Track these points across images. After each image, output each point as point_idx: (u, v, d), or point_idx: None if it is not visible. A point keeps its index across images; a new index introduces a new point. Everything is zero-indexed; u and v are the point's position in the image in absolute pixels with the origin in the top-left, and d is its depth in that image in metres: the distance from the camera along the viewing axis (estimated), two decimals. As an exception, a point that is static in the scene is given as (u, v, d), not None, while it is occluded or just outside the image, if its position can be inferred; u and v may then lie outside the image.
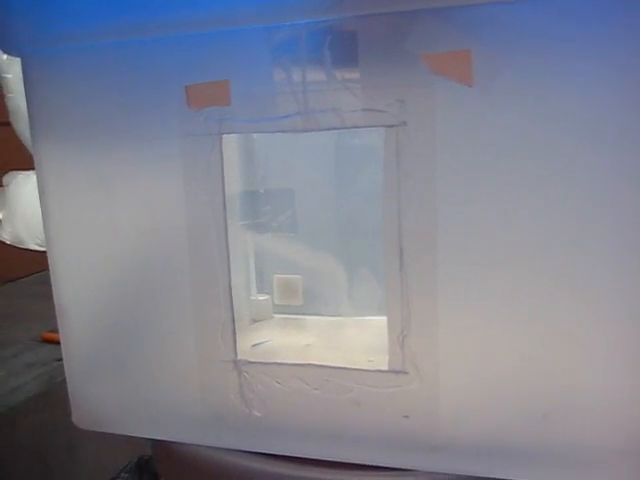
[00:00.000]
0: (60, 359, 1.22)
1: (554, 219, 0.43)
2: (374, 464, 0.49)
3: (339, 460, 0.50)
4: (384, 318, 0.64)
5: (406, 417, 0.48)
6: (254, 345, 0.59)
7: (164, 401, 0.54)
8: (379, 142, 0.60)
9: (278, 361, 0.51)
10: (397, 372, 0.48)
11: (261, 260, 0.71)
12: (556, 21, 0.41)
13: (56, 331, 1.34)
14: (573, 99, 0.41)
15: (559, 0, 0.41)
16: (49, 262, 0.55)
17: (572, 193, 0.42)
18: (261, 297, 0.71)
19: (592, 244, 0.42)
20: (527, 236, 0.43)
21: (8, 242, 0.71)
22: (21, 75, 0.57)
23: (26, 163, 0.71)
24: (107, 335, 0.55)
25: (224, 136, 0.48)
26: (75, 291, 0.55)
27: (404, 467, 0.48)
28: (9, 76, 0.66)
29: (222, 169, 0.49)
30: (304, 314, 0.71)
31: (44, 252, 0.76)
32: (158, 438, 0.55)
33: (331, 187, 0.69)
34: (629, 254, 0.42)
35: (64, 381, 1.17)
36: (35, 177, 0.71)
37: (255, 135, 0.64)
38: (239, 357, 0.51)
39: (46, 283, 1.70)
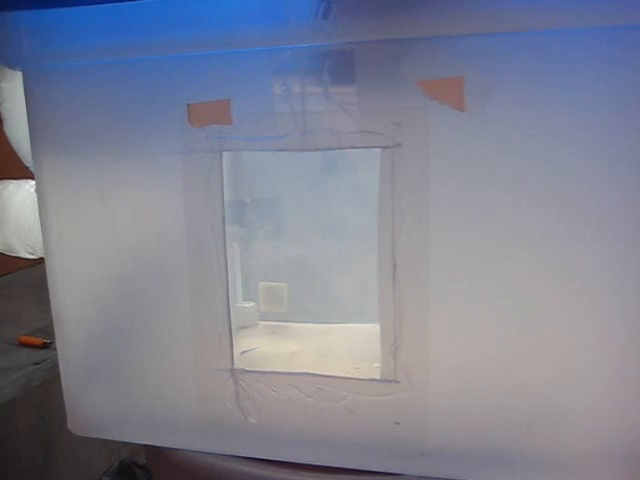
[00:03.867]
0: (37, 363, 1.23)
1: (544, 238, 0.45)
2: (366, 469, 0.51)
3: (332, 465, 0.52)
4: (368, 325, 0.66)
5: (397, 424, 0.50)
6: (242, 352, 0.60)
7: (160, 408, 0.56)
8: (363, 155, 0.63)
9: (274, 370, 0.53)
10: (389, 381, 0.50)
11: (246, 268, 0.73)
12: (545, 50, 0.43)
13: (33, 335, 1.33)
14: (563, 123, 0.44)
15: (547, 31, 0.43)
16: (47, 271, 0.56)
17: (562, 212, 0.45)
18: (247, 304, 0.73)
19: (584, 258, 0.45)
20: (516, 254, 0.46)
21: None
22: (15, 84, 0.58)
23: (16, 167, 0.72)
24: (104, 343, 0.56)
25: (224, 153, 0.50)
26: (73, 300, 0.56)
27: (395, 472, 0.51)
28: (3, 85, 0.67)
29: (222, 185, 0.51)
30: (289, 321, 0.73)
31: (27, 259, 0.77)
32: (154, 444, 0.56)
33: (317, 196, 0.71)
34: (619, 269, 0.45)
35: (41, 385, 1.18)
36: (26, 186, 0.72)
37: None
38: (236, 366, 0.53)
39: (17, 285, 1.68)
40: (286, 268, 0.74)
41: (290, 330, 0.72)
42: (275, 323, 0.74)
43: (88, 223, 0.54)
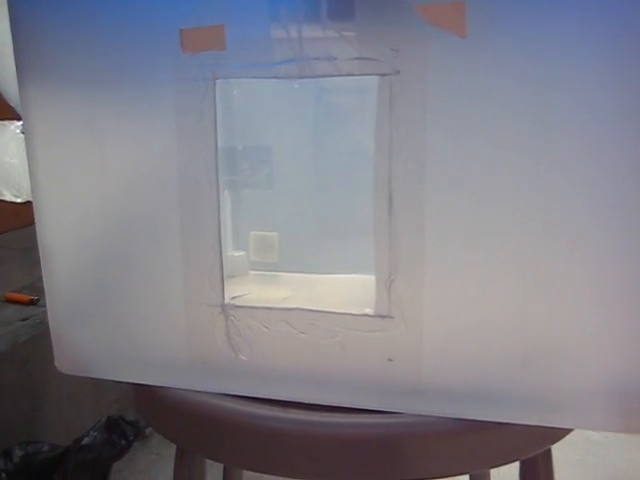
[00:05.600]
0: (24, 319, 1.22)
1: (539, 169, 0.44)
2: (358, 407, 0.50)
3: (324, 403, 0.51)
4: (360, 276, 0.65)
5: (390, 360, 0.50)
6: (232, 298, 0.59)
7: (149, 345, 0.55)
8: (358, 98, 0.61)
9: (266, 305, 0.52)
10: (383, 316, 0.49)
11: (237, 216, 0.72)
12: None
13: (19, 292, 1.32)
14: (566, 59, 0.43)
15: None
16: (34, 207, 0.55)
17: (559, 146, 0.44)
18: (237, 253, 0.72)
19: (575, 195, 0.44)
20: (513, 185, 0.45)
21: (-16, 193, 0.71)
22: (0, 17, 0.56)
23: (2, 109, 0.70)
24: (92, 279, 0.55)
25: (218, 81, 0.49)
26: (61, 236, 0.55)
27: (388, 409, 0.50)
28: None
29: (215, 114, 0.49)
30: (279, 271, 0.72)
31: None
32: (143, 383, 0.55)
33: (308, 144, 0.70)
34: (612, 208, 0.44)
35: (29, 341, 1.17)
36: (11, 127, 0.71)
37: (235, 91, 0.64)
38: (227, 301, 0.52)
39: (2, 247, 1.67)
40: (277, 217, 0.73)
41: (281, 279, 0.71)
42: (266, 272, 0.73)
43: (77, 156, 0.53)
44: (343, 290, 0.66)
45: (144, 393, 0.56)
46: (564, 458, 0.53)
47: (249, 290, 0.65)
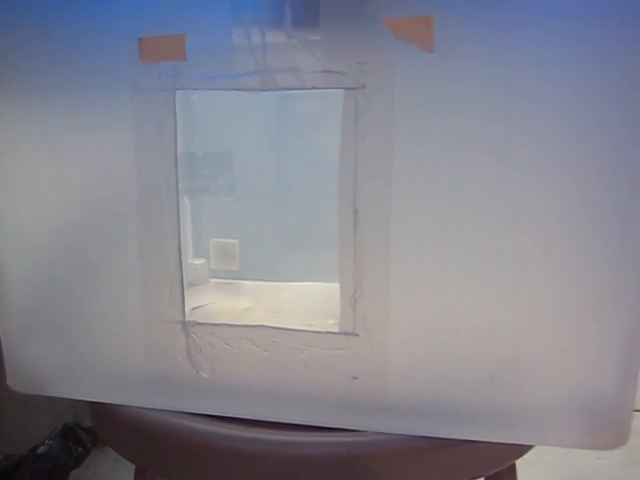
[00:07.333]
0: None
1: (508, 181, 0.44)
2: (323, 425, 0.50)
3: (287, 421, 0.50)
4: (322, 284, 0.65)
5: (355, 378, 0.49)
6: (193, 309, 0.58)
7: (107, 363, 0.53)
8: (321, 106, 0.60)
9: (228, 322, 0.51)
10: (348, 334, 0.48)
11: (198, 224, 0.70)
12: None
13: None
14: (533, 69, 0.42)
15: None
16: (-15, 218, 0.53)
17: (525, 155, 0.43)
18: (197, 261, 0.70)
19: (544, 209, 0.44)
20: (479, 199, 0.44)
21: None
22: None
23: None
24: (47, 294, 0.53)
25: (178, 92, 0.47)
26: (13, 248, 0.53)
27: (353, 428, 0.49)
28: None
29: (175, 126, 0.48)
30: (240, 279, 0.70)
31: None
32: (100, 401, 0.54)
33: (270, 151, 0.69)
34: (585, 224, 0.44)
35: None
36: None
37: (195, 96, 0.63)
38: (187, 318, 0.51)
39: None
40: (238, 224, 0.72)
41: (242, 287, 0.70)
42: (226, 280, 0.72)
43: (30, 167, 0.51)
44: (306, 299, 0.65)
45: (102, 411, 0.55)
46: (522, 458, 0.53)
47: (210, 300, 0.64)
